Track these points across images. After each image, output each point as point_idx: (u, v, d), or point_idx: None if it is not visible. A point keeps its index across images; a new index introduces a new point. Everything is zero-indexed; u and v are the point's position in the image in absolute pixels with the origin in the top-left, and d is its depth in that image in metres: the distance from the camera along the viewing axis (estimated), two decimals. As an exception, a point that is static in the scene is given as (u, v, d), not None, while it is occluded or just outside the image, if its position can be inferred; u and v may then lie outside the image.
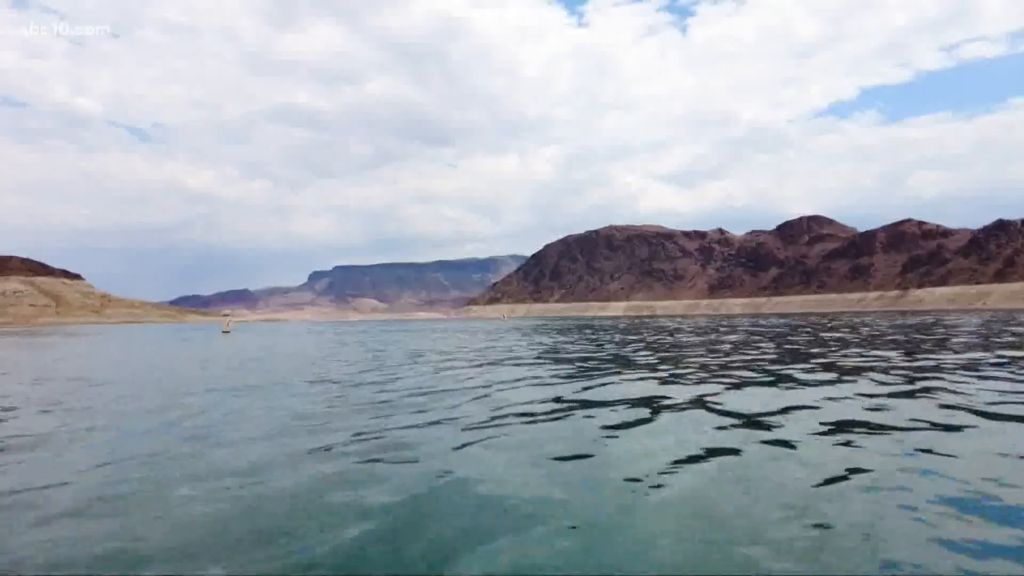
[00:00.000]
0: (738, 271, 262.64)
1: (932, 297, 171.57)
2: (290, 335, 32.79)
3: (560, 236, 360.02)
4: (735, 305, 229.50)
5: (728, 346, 18.19)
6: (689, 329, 33.62)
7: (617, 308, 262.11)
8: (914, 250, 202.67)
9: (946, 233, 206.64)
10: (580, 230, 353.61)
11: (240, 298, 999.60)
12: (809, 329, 29.65)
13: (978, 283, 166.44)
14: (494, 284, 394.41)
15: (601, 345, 19.45)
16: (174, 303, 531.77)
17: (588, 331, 33.25)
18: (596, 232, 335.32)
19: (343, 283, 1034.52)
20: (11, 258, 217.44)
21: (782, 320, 51.47)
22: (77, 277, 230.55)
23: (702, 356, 14.63)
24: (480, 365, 13.05)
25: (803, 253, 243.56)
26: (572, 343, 21.08)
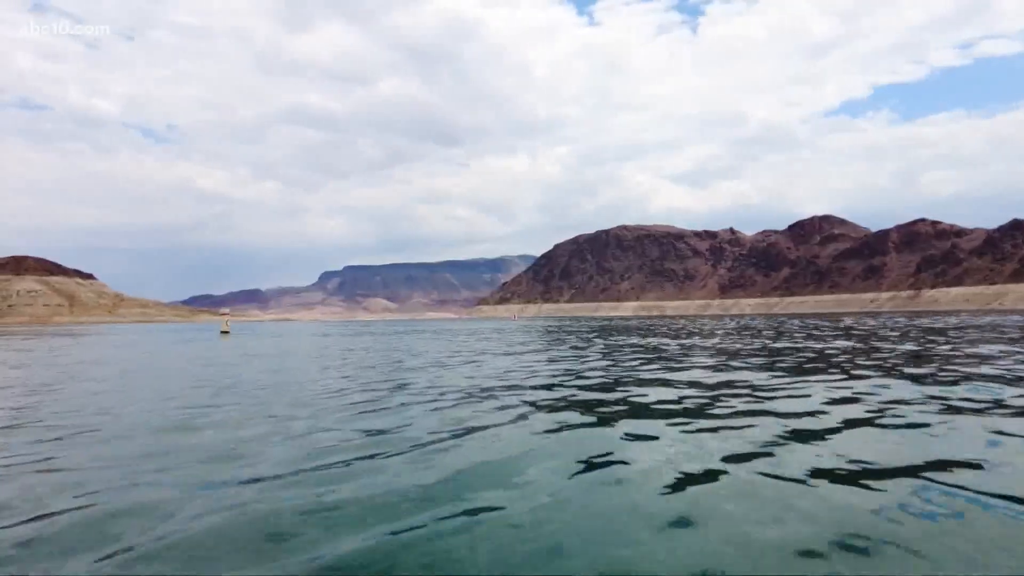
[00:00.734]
0: (749, 271, 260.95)
1: (947, 297, 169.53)
2: (293, 338, 32.01)
3: (570, 236, 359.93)
4: (747, 305, 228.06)
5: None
6: (728, 329, 31.40)
7: (628, 308, 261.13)
8: (928, 250, 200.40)
9: (960, 233, 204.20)
10: (590, 230, 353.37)
11: (252, 298, 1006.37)
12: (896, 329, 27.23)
13: (993, 283, 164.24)
14: (504, 284, 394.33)
15: (676, 360, 13.11)
16: (187, 303, 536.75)
17: (621, 335, 27.87)
18: (606, 232, 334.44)
19: (354, 283, 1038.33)
20: (26, 258, 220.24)
21: (828, 321, 50.77)
22: (91, 277, 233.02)
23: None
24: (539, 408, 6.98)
25: (815, 253, 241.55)
26: (625, 355, 14.91)
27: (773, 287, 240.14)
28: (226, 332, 27.64)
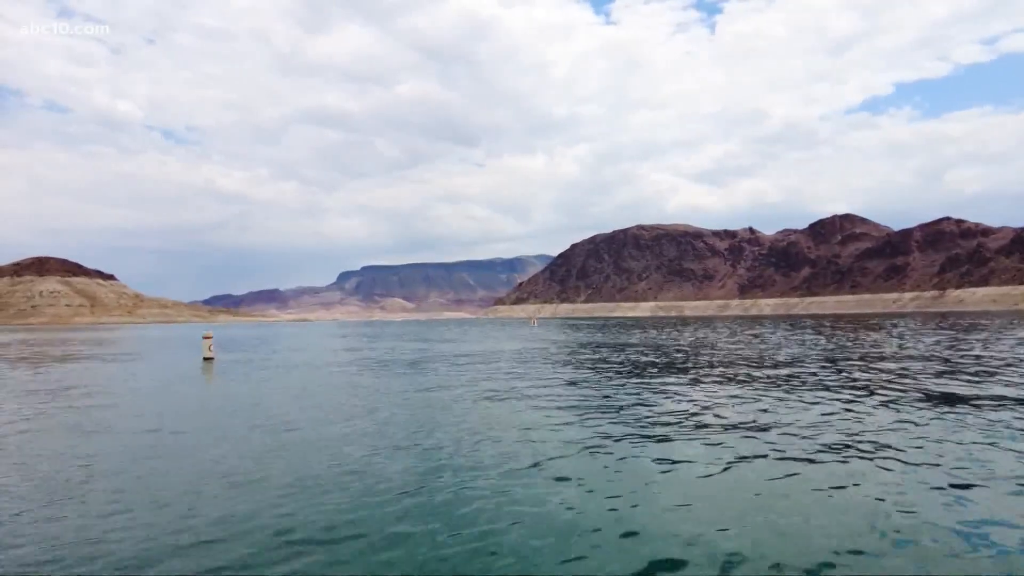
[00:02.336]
0: (769, 271, 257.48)
1: (973, 298, 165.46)
2: (304, 369, 30.51)
3: (587, 236, 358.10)
4: (766, 305, 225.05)
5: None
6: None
7: (645, 308, 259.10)
8: (953, 249, 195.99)
9: (987, 232, 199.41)
10: (607, 229, 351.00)
11: (271, 298, 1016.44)
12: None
13: (1022, 283, 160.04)
14: (520, 284, 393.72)
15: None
16: (207, 303, 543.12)
17: (680, 350, 21.50)
18: (624, 231, 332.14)
19: (371, 283, 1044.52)
20: (49, 259, 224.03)
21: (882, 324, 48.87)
22: (111, 278, 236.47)
23: None
24: None
25: (836, 252, 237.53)
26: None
27: (793, 287, 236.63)
28: (209, 359, 21.56)
